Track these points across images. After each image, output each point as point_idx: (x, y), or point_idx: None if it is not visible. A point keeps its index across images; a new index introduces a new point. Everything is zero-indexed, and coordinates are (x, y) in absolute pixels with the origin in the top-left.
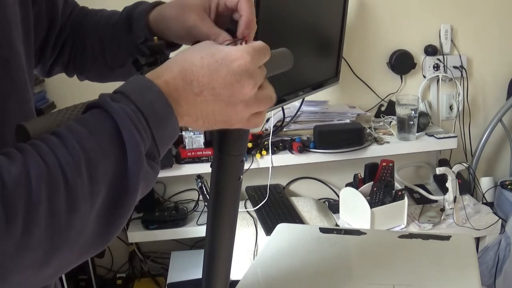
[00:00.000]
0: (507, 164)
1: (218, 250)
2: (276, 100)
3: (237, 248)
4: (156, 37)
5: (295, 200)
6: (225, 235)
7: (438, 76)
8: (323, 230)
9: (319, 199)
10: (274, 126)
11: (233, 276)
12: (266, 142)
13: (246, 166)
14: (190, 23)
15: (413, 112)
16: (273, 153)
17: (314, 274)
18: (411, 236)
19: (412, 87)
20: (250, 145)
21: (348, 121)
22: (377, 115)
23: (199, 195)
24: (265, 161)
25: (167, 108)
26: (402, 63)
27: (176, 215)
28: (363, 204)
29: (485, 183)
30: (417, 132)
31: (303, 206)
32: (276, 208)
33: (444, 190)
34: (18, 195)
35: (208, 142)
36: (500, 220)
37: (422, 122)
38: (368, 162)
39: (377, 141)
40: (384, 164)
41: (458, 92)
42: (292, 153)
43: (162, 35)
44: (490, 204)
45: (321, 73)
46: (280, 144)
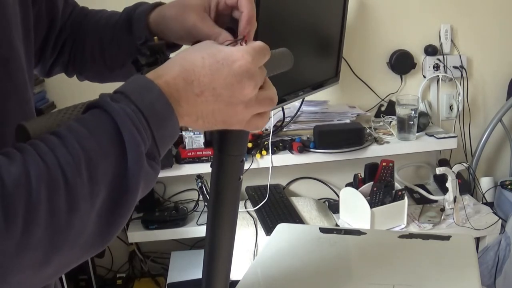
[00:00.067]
0: (507, 164)
1: (218, 250)
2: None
3: (237, 248)
4: (156, 37)
5: (295, 200)
6: (225, 235)
7: (438, 76)
8: (323, 230)
9: (319, 199)
10: (274, 126)
11: (233, 276)
12: (266, 142)
13: (246, 166)
14: (190, 23)
15: (413, 112)
16: (273, 153)
17: (314, 274)
18: (411, 236)
19: (412, 87)
20: (250, 145)
21: (348, 121)
22: (377, 115)
23: (199, 195)
24: (265, 161)
25: (168, 108)
26: (402, 63)
27: (176, 215)
28: (363, 204)
29: (485, 183)
30: (417, 132)
31: (303, 206)
32: (276, 208)
33: (444, 190)
34: (18, 195)
35: (208, 142)
36: (500, 220)
37: (422, 122)
38: (368, 162)
39: (377, 141)
40: (384, 164)
41: (458, 92)
42: (292, 153)
43: (163, 35)
44: (490, 204)
45: (321, 73)
46: (280, 144)
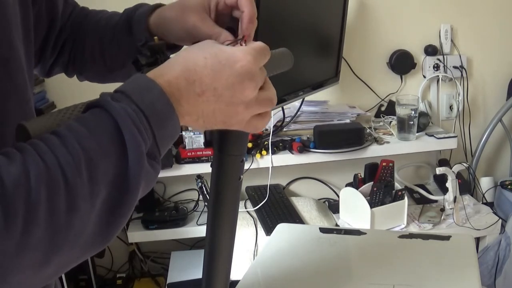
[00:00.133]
0: (507, 164)
1: (218, 250)
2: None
3: (237, 248)
4: (156, 37)
5: (295, 200)
6: (225, 235)
7: (438, 76)
8: (323, 230)
9: (319, 199)
10: (274, 126)
11: (233, 276)
12: (266, 142)
13: (246, 166)
14: (190, 24)
15: (413, 112)
16: (273, 153)
17: (314, 274)
18: (411, 236)
19: (412, 87)
20: (250, 145)
21: (348, 121)
22: (377, 115)
23: (199, 195)
24: (265, 161)
25: (169, 108)
26: (402, 63)
27: (176, 215)
28: (363, 204)
29: (485, 183)
30: (417, 132)
31: (303, 206)
32: (276, 208)
33: (444, 190)
34: (17, 195)
35: (208, 142)
36: (500, 220)
37: (422, 122)
38: (368, 162)
39: (377, 141)
40: (384, 164)
41: (458, 92)
42: (292, 153)
43: (163, 37)
44: (490, 204)
45: (321, 73)
46: (280, 144)
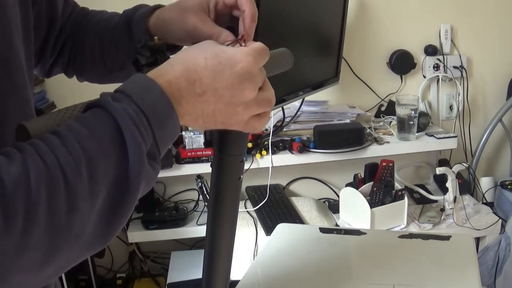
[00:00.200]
0: (507, 164)
1: (218, 250)
2: (275, 101)
3: (237, 248)
4: (156, 37)
5: (295, 200)
6: (225, 235)
7: (438, 76)
8: (323, 230)
9: (319, 199)
10: (274, 126)
11: (233, 276)
12: (266, 142)
13: (246, 166)
14: (190, 25)
15: (413, 112)
16: (273, 153)
17: (314, 274)
18: (411, 236)
19: (412, 87)
20: (250, 145)
21: (348, 121)
22: (377, 115)
23: (199, 195)
24: (265, 161)
25: (169, 108)
26: (402, 63)
27: (176, 215)
28: (363, 204)
29: (485, 183)
30: (417, 132)
31: (303, 206)
32: (276, 208)
33: (444, 190)
34: (17, 195)
35: (208, 142)
36: (500, 220)
37: (422, 122)
38: (368, 162)
39: (377, 141)
40: (384, 164)
41: (458, 92)
42: (292, 153)
43: (163, 38)
44: (490, 204)
45: (321, 73)
46: (280, 144)
